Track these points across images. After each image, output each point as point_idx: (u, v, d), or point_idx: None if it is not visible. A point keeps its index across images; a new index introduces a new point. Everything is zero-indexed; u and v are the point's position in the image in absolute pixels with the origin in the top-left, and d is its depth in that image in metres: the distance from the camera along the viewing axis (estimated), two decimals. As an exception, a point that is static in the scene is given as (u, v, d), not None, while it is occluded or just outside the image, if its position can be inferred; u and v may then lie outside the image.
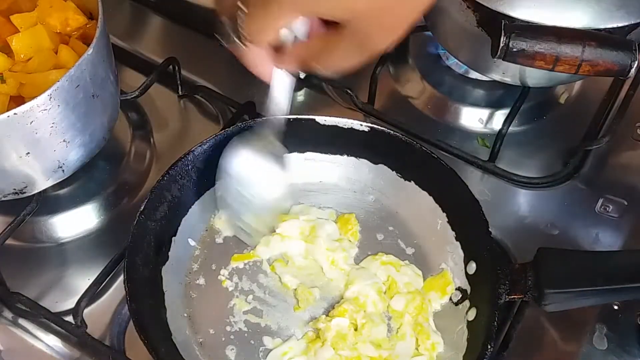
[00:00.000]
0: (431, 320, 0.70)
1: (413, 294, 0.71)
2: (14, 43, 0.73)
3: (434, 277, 0.73)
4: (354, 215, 0.77)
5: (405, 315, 0.69)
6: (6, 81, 0.70)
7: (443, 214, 0.74)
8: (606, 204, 0.81)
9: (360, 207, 0.78)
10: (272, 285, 0.73)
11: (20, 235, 0.78)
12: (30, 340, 0.72)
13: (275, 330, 0.70)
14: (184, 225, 0.74)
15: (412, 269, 0.73)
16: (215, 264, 0.74)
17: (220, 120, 0.88)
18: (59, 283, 0.76)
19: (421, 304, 0.70)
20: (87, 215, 0.81)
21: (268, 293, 0.72)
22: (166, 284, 0.70)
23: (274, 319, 0.70)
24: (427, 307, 0.70)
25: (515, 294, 0.64)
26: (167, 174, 0.72)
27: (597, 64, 0.69)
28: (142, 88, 0.87)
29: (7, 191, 0.73)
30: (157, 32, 1.01)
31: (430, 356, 0.67)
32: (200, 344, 0.69)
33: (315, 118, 0.76)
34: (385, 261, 0.73)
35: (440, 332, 0.69)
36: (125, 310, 0.71)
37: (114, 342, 0.71)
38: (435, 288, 0.72)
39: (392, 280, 0.72)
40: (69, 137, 0.71)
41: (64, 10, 0.76)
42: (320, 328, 0.68)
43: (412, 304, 0.70)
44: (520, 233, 0.78)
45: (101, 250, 0.77)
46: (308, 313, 0.71)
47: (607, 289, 0.62)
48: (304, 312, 0.71)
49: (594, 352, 0.70)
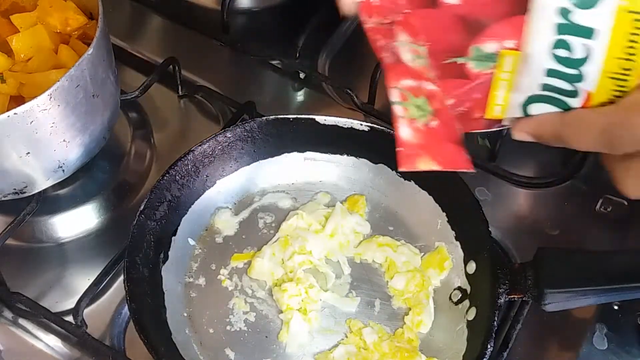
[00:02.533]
0: (431, 299, 0.70)
1: (412, 272, 0.71)
2: (14, 43, 0.73)
3: (431, 253, 0.73)
4: (365, 196, 0.78)
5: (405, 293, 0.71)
6: (6, 81, 0.70)
7: (443, 213, 0.74)
8: (606, 204, 0.81)
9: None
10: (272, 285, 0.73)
11: (20, 235, 0.78)
12: (30, 340, 0.72)
13: (275, 329, 0.70)
14: (184, 225, 0.74)
15: (409, 247, 0.74)
16: (215, 264, 0.74)
17: (220, 120, 0.88)
18: (59, 283, 0.76)
19: (422, 281, 0.71)
20: (87, 215, 0.81)
21: (268, 293, 0.72)
22: (166, 284, 0.70)
23: (274, 319, 0.70)
24: (428, 284, 0.71)
25: (515, 294, 0.64)
26: (167, 174, 0.73)
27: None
28: (142, 88, 0.87)
29: (7, 191, 0.73)
30: (157, 32, 1.01)
31: (410, 329, 0.68)
32: (200, 343, 0.69)
33: (315, 117, 0.76)
34: (382, 243, 0.74)
35: (435, 319, 0.69)
36: (125, 310, 0.71)
37: (114, 342, 0.71)
38: (433, 265, 0.72)
39: (391, 260, 0.72)
40: (69, 137, 0.71)
41: (64, 10, 0.77)
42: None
43: (413, 282, 0.70)
44: (520, 233, 0.78)
45: (101, 250, 0.77)
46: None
47: (607, 289, 0.62)
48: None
49: (594, 352, 0.70)
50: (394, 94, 0.53)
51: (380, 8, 0.52)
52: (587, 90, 0.49)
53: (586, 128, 0.45)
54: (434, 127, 0.53)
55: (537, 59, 0.49)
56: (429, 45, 0.52)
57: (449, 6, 0.50)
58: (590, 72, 0.48)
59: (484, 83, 0.52)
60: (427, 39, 0.51)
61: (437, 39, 0.51)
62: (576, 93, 0.49)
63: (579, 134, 0.45)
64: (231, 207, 0.78)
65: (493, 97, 0.52)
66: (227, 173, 0.77)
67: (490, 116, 0.53)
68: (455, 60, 0.51)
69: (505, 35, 0.49)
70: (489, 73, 0.51)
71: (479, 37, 0.50)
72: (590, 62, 0.48)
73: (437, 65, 0.52)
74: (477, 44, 0.50)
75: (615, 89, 0.48)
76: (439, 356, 0.67)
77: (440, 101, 0.53)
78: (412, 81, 0.53)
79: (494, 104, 0.52)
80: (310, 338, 0.69)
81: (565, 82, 0.49)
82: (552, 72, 0.49)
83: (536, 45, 0.49)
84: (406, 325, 0.69)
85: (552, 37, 0.48)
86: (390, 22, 0.52)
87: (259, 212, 0.78)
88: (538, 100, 0.51)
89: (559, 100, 0.50)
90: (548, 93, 0.50)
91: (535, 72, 0.50)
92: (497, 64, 0.51)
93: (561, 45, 0.48)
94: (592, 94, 0.49)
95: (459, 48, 0.51)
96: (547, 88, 0.50)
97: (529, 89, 0.51)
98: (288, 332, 0.68)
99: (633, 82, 0.47)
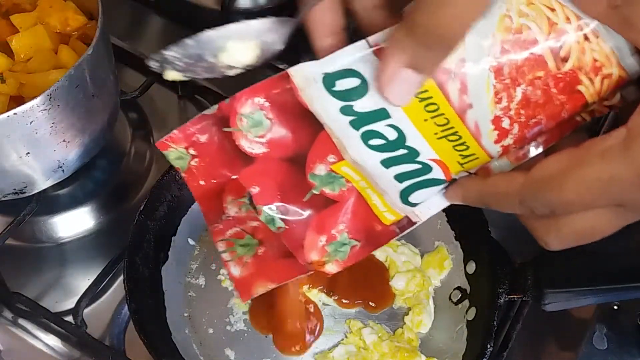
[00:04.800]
0: (431, 299, 0.70)
1: (413, 271, 0.72)
2: (14, 43, 0.73)
3: (430, 253, 0.73)
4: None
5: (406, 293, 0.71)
6: (6, 81, 0.70)
7: (443, 213, 0.74)
8: (606, 204, 0.81)
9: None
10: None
11: (20, 235, 0.78)
12: (30, 340, 0.72)
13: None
14: (184, 224, 0.74)
15: (409, 247, 0.74)
16: (215, 264, 0.74)
17: (220, 120, 0.88)
18: (59, 283, 0.76)
19: (422, 281, 0.71)
20: (87, 215, 0.81)
21: (268, 293, 0.72)
22: (166, 284, 0.70)
23: (274, 319, 0.71)
24: (428, 284, 0.71)
25: (515, 294, 0.64)
26: (167, 174, 0.72)
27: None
28: (142, 88, 0.87)
29: (7, 191, 0.73)
30: (157, 32, 1.01)
31: (410, 329, 0.68)
32: (199, 343, 0.69)
33: (315, 118, 0.76)
34: None
35: (435, 319, 0.70)
36: (125, 310, 0.71)
37: (114, 342, 0.71)
38: (433, 264, 0.72)
39: (391, 260, 0.72)
40: (69, 137, 0.71)
41: (64, 10, 0.77)
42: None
43: (413, 282, 0.71)
44: (520, 233, 0.78)
45: (101, 250, 0.77)
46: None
47: (607, 289, 0.62)
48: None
49: (594, 352, 0.70)
50: (220, 246, 0.55)
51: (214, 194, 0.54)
52: (433, 159, 0.47)
53: (504, 198, 0.45)
54: (261, 254, 0.55)
55: (362, 157, 0.48)
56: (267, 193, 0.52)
57: (264, 156, 0.50)
58: (415, 143, 0.46)
59: (357, 198, 0.51)
60: (264, 187, 0.51)
61: (279, 185, 0.51)
62: (429, 167, 0.47)
63: (500, 203, 0.46)
64: (231, 207, 0.78)
65: (374, 207, 0.51)
66: (227, 173, 0.77)
67: (389, 222, 0.52)
68: (311, 194, 0.51)
69: (322, 154, 0.49)
70: (351, 187, 0.51)
71: (307, 167, 0.50)
72: (407, 136, 0.46)
73: (303, 205, 0.52)
74: (310, 172, 0.50)
75: (455, 144, 0.46)
76: (439, 356, 0.67)
77: (264, 230, 0.53)
78: (237, 228, 0.55)
79: (380, 212, 0.51)
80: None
81: (407, 164, 0.47)
82: (387, 161, 0.48)
83: (350, 146, 0.48)
84: (406, 325, 0.69)
85: (356, 134, 0.47)
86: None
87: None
88: (409, 191, 0.49)
89: (425, 180, 0.48)
90: (409, 182, 0.48)
91: (375, 169, 0.48)
92: (346, 179, 0.50)
93: (370, 136, 0.47)
94: (442, 160, 0.47)
95: (304, 183, 0.51)
96: (401, 177, 0.48)
97: (390, 187, 0.49)
98: (288, 332, 0.69)
99: (464, 131, 0.45)
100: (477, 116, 0.44)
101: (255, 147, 0.50)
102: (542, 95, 0.43)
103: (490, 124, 0.44)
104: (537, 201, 0.43)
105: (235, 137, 0.50)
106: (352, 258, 0.53)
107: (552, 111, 0.44)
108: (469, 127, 0.44)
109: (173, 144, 0.51)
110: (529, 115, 0.44)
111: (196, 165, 0.52)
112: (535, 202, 0.43)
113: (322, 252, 0.53)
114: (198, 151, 0.51)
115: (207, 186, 0.53)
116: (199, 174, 0.52)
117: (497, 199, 0.46)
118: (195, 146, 0.51)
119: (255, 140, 0.50)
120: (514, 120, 0.44)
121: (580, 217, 0.44)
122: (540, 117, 0.44)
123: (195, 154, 0.51)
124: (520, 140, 0.45)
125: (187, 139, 0.51)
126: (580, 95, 0.43)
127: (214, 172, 0.52)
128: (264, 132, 0.49)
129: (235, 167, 0.51)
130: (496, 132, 0.44)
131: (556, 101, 0.43)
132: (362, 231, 0.53)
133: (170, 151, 0.51)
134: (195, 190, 0.53)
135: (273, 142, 0.50)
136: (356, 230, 0.53)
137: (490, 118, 0.44)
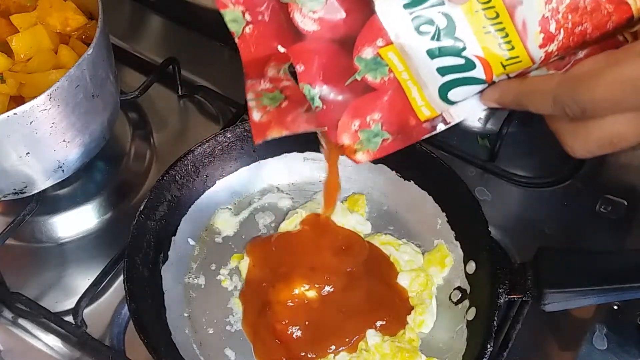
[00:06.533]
0: (434, 298, 0.71)
1: (417, 271, 0.72)
2: (14, 43, 0.73)
3: (431, 252, 0.74)
4: (364, 196, 0.78)
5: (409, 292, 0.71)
6: (6, 81, 0.70)
7: (443, 213, 0.74)
8: (606, 204, 0.81)
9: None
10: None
11: (20, 235, 0.78)
12: (30, 340, 0.72)
13: (275, 330, 0.70)
14: (184, 225, 0.74)
15: (411, 246, 0.74)
16: (215, 264, 0.74)
17: (220, 120, 0.88)
18: (59, 283, 0.76)
19: (426, 281, 0.71)
20: (87, 215, 0.81)
21: (268, 293, 0.72)
22: (166, 284, 0.70)
23: (274, 319, 0.71)
24: (432, 284, 0.71)
25: (515, 294, 0.64)
26: (167, 174, 0.73)
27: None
28: (142, 88, 0.87)
29: (7, 191, 0.73)
30: (157, 32, 1.01)
31: (411, 329, 0.68)
32: (199, 343, 0.69)
33: (315, 118, 0.76)
34: (384, 241, 0.74)
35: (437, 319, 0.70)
36: (125, 310, 0.71)
37: (114, 342, 0.71)
38: (434, 263, 0.73)
39: (394, 259, 0.73)
40: (69, 137, 0.71)
41: (64, 10, 0.77)
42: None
43: (417, 281, 0.71)
44: (520, 233, 0.78)
45: (101, 250, 0.77)
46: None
47: (607, 289, 0.62)
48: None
49: (594, 352, 0.70)
50: (250, 96, 0.56)
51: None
52: (477, 56, 0.48)
53: (540, 96, 0.48)
54: (284, 107, 0.56)
55: (411, 44, 0.49)
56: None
57: (314, 34, 0.52)
58: (463, 36, 0.48)
59: (396, 90, 0.53)
60: (310, 67, 0.53)
61: (324, 66, 0.53)
62: (472, 64, 0.49)
63: (534, 101, 0.48)
64: (231, 207, 0.78)
65: (412, 100, 0.53)
66: (226, 173, 0.77)
67: (424, 118, 0.54)
68: (353, 78, 0.52)
69: (372, 37, 0.50)
70: (392, 79, 0.52)
71: (355, 49, 0.51)
72: (457, 26, 0.47)
73: (343, 89, 0.53)
74: (357, 55, 0.51)
75: (501, 42, 0.47)
76: (439, 356, 0.67)
77: (294, 89, 0.55)
78: (269, 85, 0.56)
79: (417, 107, 0.53)
80: (310, 338, 0.69)
81: (452, 56, 0.49)
82: (432, 51, 0.49)
83: (400, 31, 0.49)
84: (408, 325, 0.69)
85: (407, 17, 0.48)
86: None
87: (258, 212, 0.78)
88: (449, 86, 0.51)
89: (466, 78, 0.50)
90: (450, 76, 0.50)
91: (420, 59, 0.50)
92: (390, 67, 0.51)
93: (421, 22, 0.48)
94: (486, 59, 0.48)
95: (349, 66, 0.52)
96: (444, 71, 0.50)
97: (431, 80, 0.51)
98: (288, 332, 0.69)
99: (511, 28, 0.46)
100: (526, 14, 0.45)
101: (307, 24, 0.51)
102: (591, 1, 0.44)
103: (538, 25, 0.46)
104: (570, 98, 0.45)
105: (290, 9, 0.51)
106: (382, 150, 0.55)
107: (599, 20, 0.45)
108: (516, 25, 0.46)
109: (230, 3, 0.52)
110: (576, 22, 0.45)
111: (250, 32, 0.53)
112: (568, 99, 0.45)
113: (355, 138, 0.55)
114: (253, 17, 0.52)
115: (257, 55, 0.54)
116: (251, 41, 0.53)
117: (533, 97, 0.48)
118: (251, 11, 0.52)
119: (308, 15, 0.51)
120: (561, 25, 0.45)
121: (608, 122, 0.46)
122: (586, 25, 0.45)
123: (250, 20, 0.52)
124: (563, 49, 0.47)
125: (245, 0, 0.52)
126: (627, 7, 0.44)
127: (265, 43, 0.53)
128: (318, 7, 0.51)
129: (286, 41, 0.53)
130: (542, 34, 0.46)
131: (604, 10, 0.45)
132: (396, 124, 0.54)
133: (227, 11, 0.52)
134: (245, 55, 0.54)
135: (325, 21, 0.51)
136: (390, 122, 0.54)
137: (538, 19, 0.45)
